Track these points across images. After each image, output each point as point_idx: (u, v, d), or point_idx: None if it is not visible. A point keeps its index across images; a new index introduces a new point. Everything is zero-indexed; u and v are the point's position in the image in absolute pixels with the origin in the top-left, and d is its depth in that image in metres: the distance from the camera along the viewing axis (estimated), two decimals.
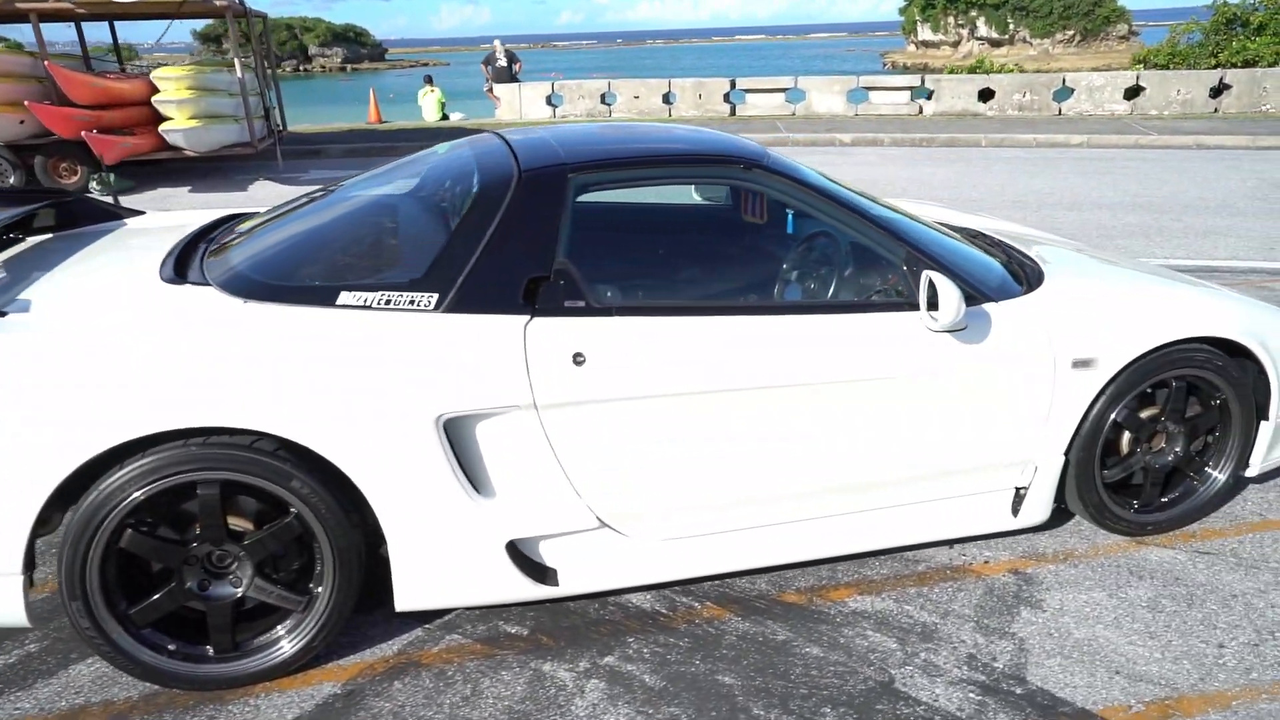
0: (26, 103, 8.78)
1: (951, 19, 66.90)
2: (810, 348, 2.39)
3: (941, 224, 3.37)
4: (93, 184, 9.39)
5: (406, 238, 2.51)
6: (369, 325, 2.19)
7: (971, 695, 2.20)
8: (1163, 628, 2.45)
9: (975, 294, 2.56)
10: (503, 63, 17.03)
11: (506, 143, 2.73)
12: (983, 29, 65.49)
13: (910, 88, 16.06)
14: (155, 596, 2.15)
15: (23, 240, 2.90)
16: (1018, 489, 2.72)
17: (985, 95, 15.45)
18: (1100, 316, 2.63)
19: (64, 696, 2.22)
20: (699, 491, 2.43)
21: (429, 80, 17.77)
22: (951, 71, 21.73)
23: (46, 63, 8.72)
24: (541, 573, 2.42)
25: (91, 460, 1.98)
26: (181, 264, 2.51)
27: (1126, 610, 2.52)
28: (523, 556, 2.39)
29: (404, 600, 2.31)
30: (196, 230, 2.90)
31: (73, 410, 1.97)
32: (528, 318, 2.26)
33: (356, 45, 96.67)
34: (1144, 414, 2.79)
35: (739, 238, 3.19)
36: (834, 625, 2.47)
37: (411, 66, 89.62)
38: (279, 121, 12.09)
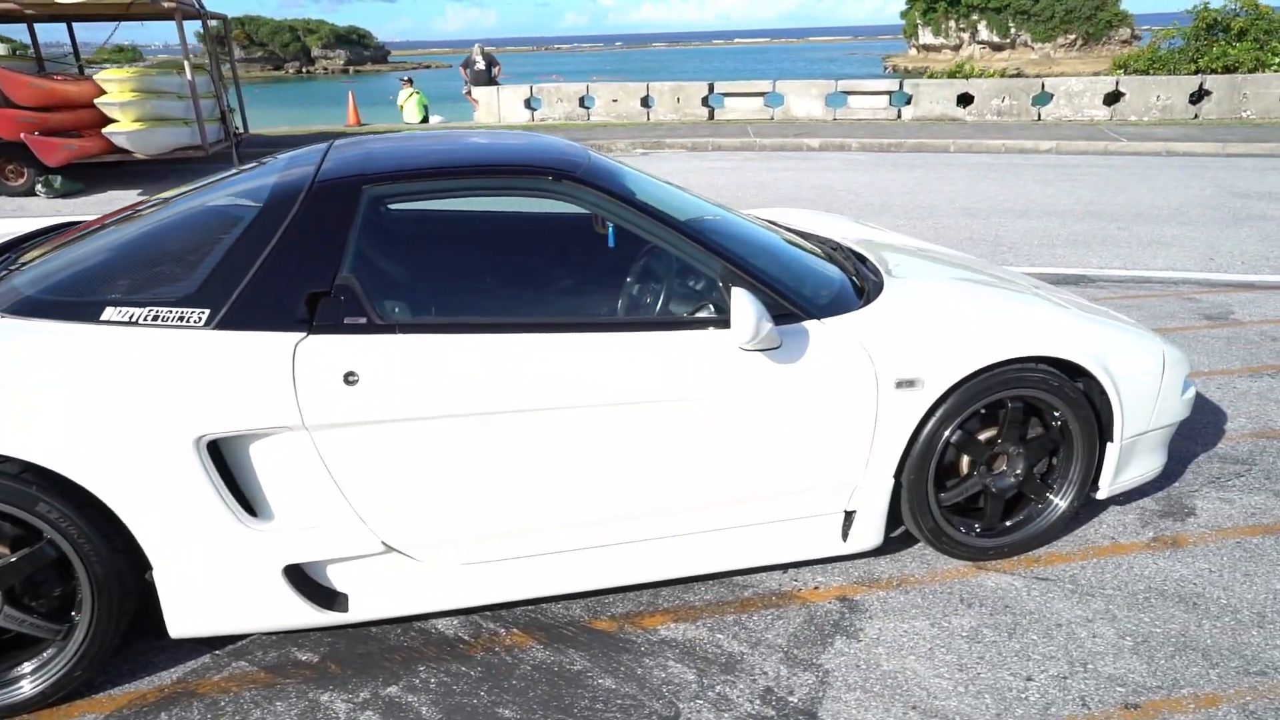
0: None
1: (952, 23, 66.83)
2: (606, 367, 2.30)
3: (802, 233, 3.29)
4: (38, 187, 9.34)
5: (190, 252, 2.43)
6: (132, 342, 2.12)
7: None
8: (975, 659, 2.35)
9: (796, 310, 2.47)
10: (481, 66, 16.98)
11: (325, 153, 2.65)
12: (984, 33, 65.40)
13: (889, 92, 15.95)
14: None
15: None
16: (846, 513, 2.62)
17: (964, 100, 15.34)
18: (927, 334, 2.54)
19: None
20: (493, 516, 2.35)
21: (409, 81, 17.72)
22: (932, 76, 21.62)
23: None
24: (330, 598, 2.33)
25: None
26: None
27: (944, 640, 2.43)
28: (308, 581, 2.31)
29: (175, 627, 2.22)
30: (9, 240, 2.83)
31: None
32: (302, 335, 2.18)
33: (359, 47, 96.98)
34: (983, 435, 2.70)
35: (563, 250, 3.10)
36: (636, 655, 2.39)
37: (414, 69, 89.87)
38: (239, 124, 12.05)
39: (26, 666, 2.17)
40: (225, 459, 2.18)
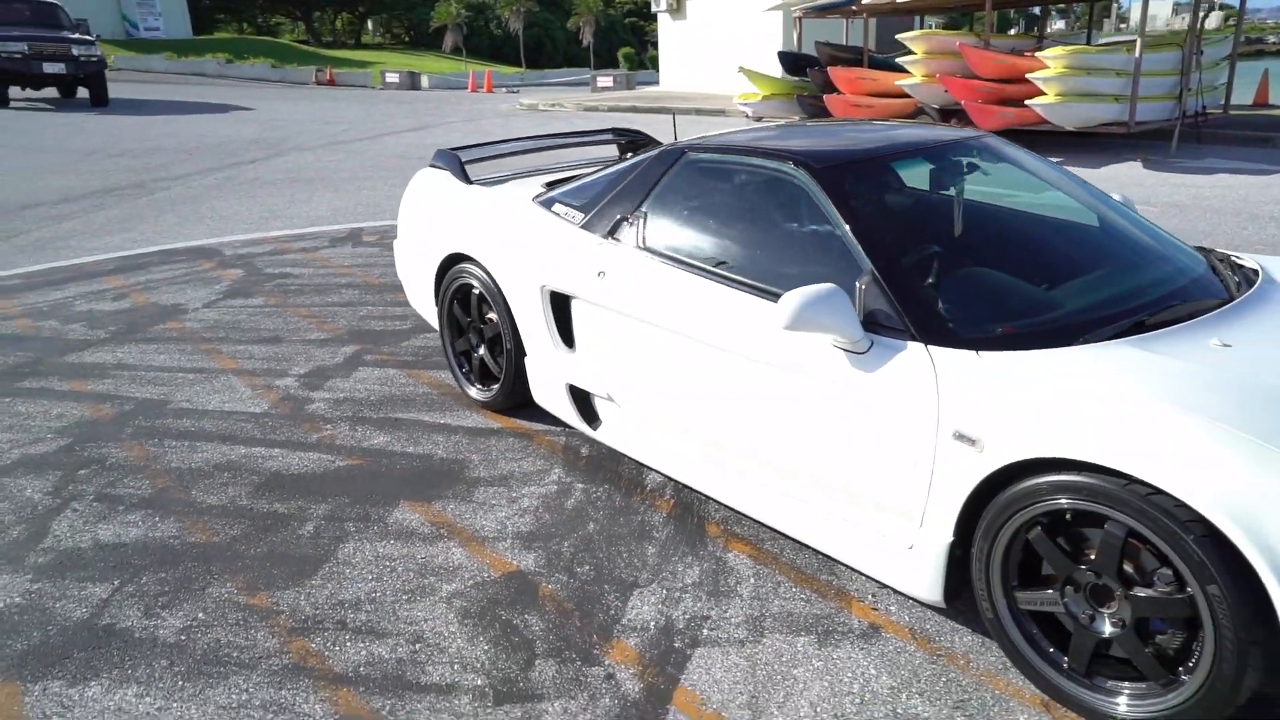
0: (937, 75, 10.84)
1: None
2: (741, 321, 2.78)
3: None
4: None
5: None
6: None
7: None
8: None
9: (903, 328, 2.48)
10: None
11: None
12: None
13: None
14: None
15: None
16: (909, 548, 2.51)
17: None
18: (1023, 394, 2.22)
19: None
20: (655, 398, 3.14)
21: None
22: None
23: (958, 43, 10.55)
24: (593, 418, 3.54)
25: None
26: None
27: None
28: (587, 401, 3.55)
29: (537, 397, 3.77)
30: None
31: None
32: (596, 240, 3.37)
33: None
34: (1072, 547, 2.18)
35: (781, 223, 3.13)
36: (702, 548, 2.96)
37: None
38: (1205, 101, 11.50)
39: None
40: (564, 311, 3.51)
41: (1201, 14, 10.96)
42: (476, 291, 3.89)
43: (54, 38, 17.42)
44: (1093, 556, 2.15)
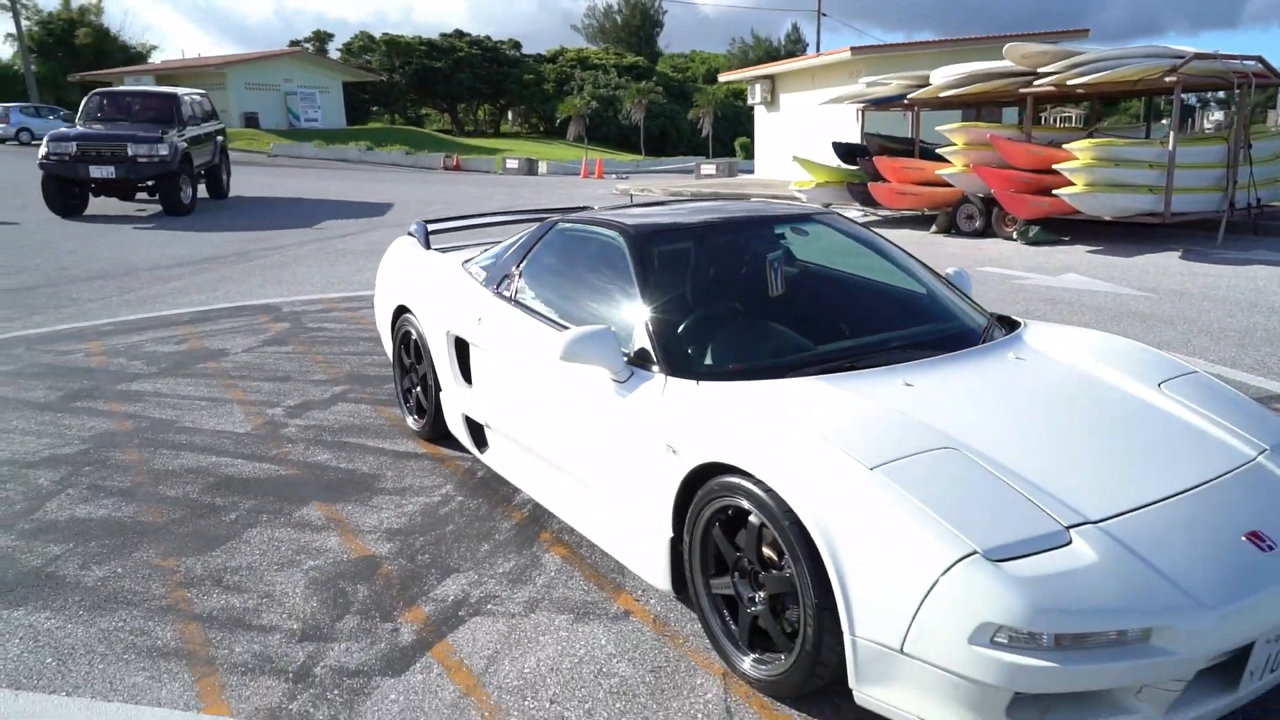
0: (972, 165, 11.17)
1: None
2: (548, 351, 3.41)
3: None
4: (1015, 234, 11.25)
5: None
6: None
7: None
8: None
9: (653, 362, 3.04)
10: None
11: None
12: None
13: None
14: None
15: None
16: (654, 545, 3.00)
17: None
18: (715, 414, 2.74)
19: None
20: (508, 421, 3.76)
21: None
22: None
23: (989, 134, 10.88)
24: (483, 444, 4.19)
25: None
26: None
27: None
28: (480, 430, 4.20)
29: (449, 423, 4.46)
30: None
31: None
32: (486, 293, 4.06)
33: None
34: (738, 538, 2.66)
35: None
36: (512, 541, 3.53)
37: None
38: (1262, 196, 11.33)
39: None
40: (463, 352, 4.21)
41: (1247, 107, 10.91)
42: (414, 337, 4.64)
43: (115, 135, 13.91)
44: (745, 546, 2.62)
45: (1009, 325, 3.56)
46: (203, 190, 17.22)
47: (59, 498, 4.07)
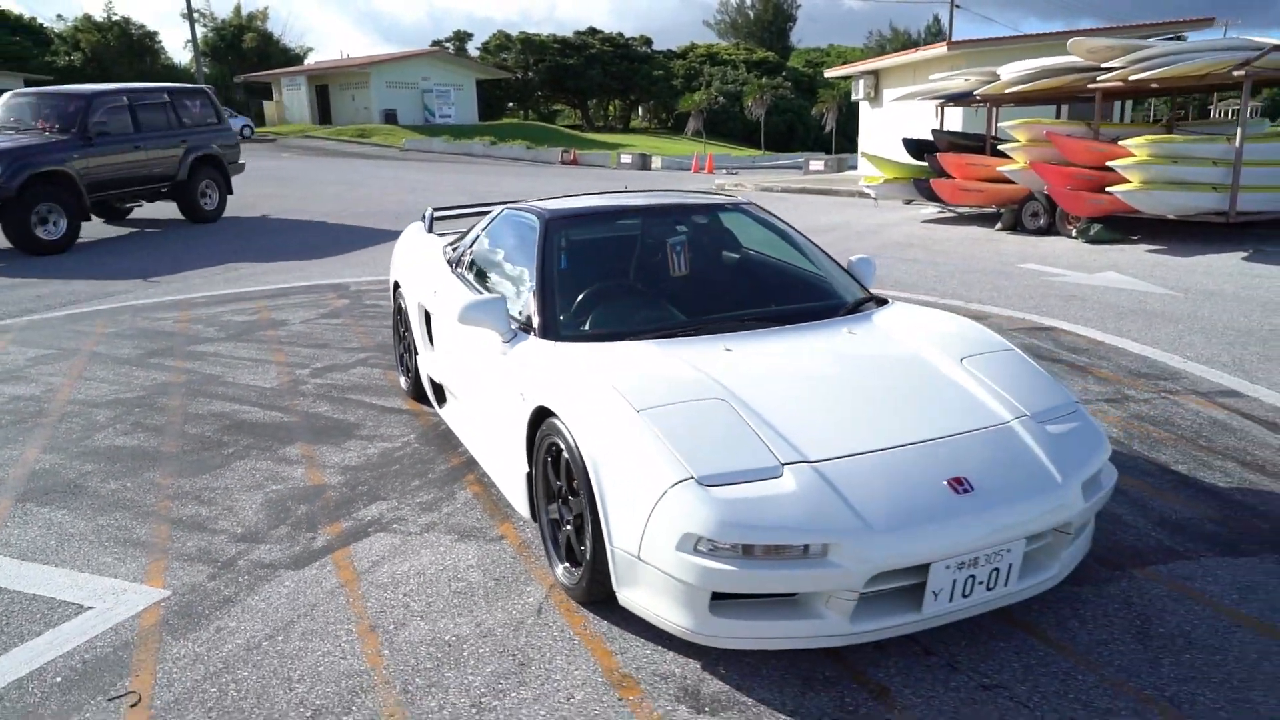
0: (1029, 162, 11.02)
1: None
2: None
3: None
4: (1074, 231, 11.05)
5: None
6: None
7: None
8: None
9: (532, 327, 3.60)
10: None
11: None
12: None
13: None
14: None
15: None
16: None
17: None
18: (553, 365, 3.29)
19: None
20: (451, 380, 4.40)
21: None
22: None
23: (1046, 131, 10.72)
24: (443, 401, 4.85)
25: None
26: None
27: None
28: (441, 390, 4.87)
29: (424, 374, 5.15)
30: None
31: None
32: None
33: None
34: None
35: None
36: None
37: None
38: None
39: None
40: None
41: None
42: (404, 309, 5.34)
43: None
44: (563, 477, 3.14)
45: (879, 304, 3.91)
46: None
47: (107, 430, 4.98)
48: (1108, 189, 10.36)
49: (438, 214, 5.92)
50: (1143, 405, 5.07)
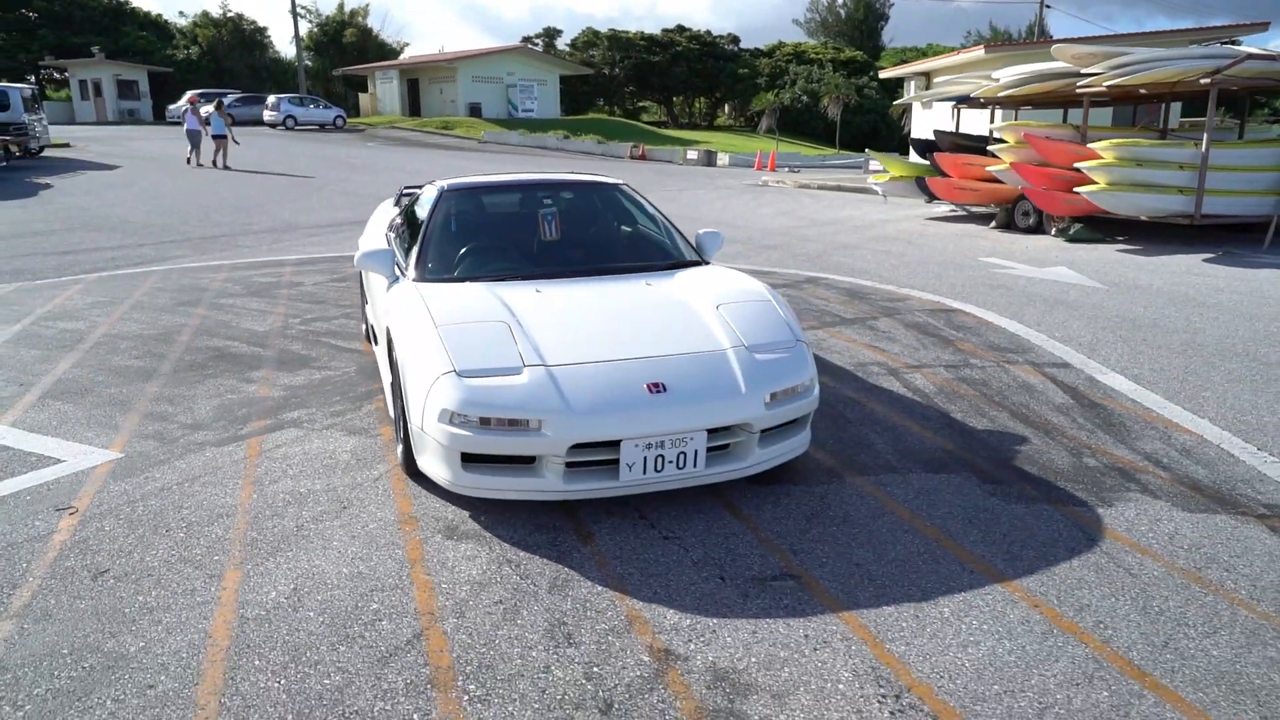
0: (1010, 163, 11.51)
1: None
2: None
3: None
4: (1054, 229, 11.50)
5: None
6: None
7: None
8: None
9: (409, 274, 4.65)
10: None
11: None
12: None
13: None
14: None
15: None
16: None
17: None
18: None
19: None
20: None
21: None
22: None
23: (1023, 133, 11.20)
24: None
25: None
26: None
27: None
28: None
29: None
30: None
31: None
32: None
33: None
34: None
35: None
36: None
37: None
38: None
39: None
40: None
41: None
42: None
43: None
44: (397, 379, 4.17)
45: (695, 266, 4.82)
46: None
47: (124, 354, 6.25)
48: (1075, 189, 10.81)
49: (405, 191, 7.03)
50: (974, 371, 5.81)
